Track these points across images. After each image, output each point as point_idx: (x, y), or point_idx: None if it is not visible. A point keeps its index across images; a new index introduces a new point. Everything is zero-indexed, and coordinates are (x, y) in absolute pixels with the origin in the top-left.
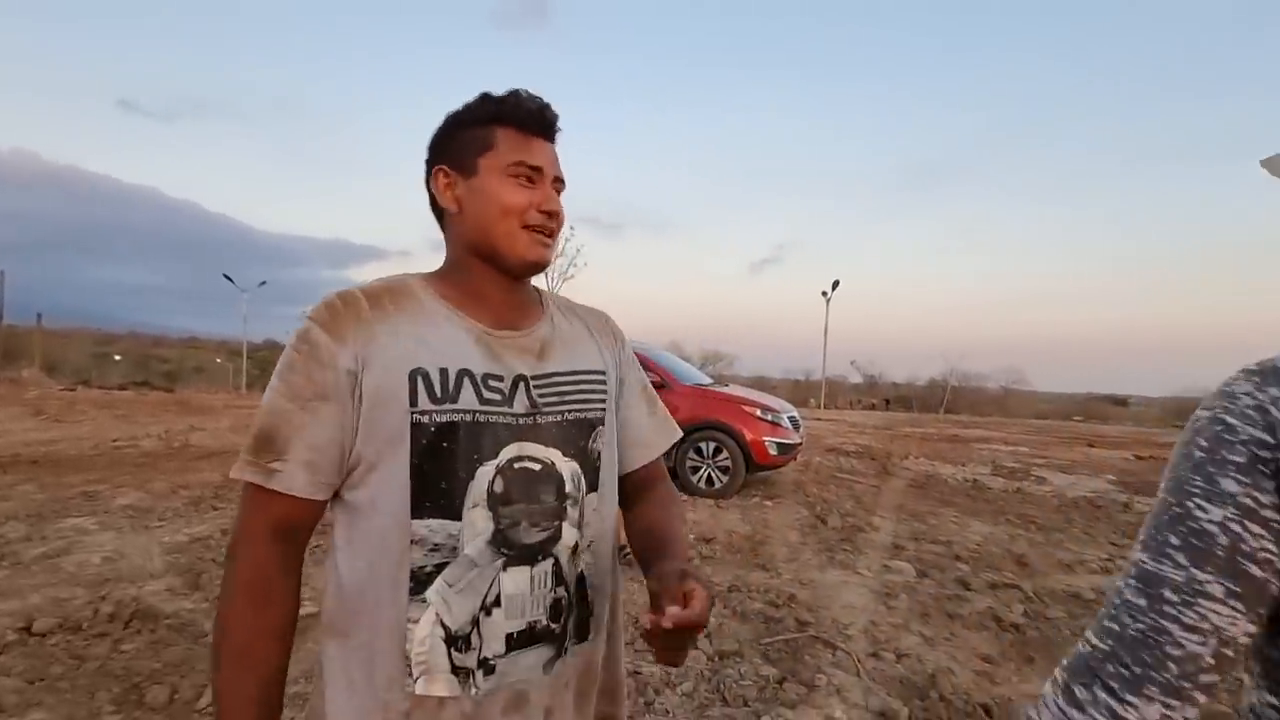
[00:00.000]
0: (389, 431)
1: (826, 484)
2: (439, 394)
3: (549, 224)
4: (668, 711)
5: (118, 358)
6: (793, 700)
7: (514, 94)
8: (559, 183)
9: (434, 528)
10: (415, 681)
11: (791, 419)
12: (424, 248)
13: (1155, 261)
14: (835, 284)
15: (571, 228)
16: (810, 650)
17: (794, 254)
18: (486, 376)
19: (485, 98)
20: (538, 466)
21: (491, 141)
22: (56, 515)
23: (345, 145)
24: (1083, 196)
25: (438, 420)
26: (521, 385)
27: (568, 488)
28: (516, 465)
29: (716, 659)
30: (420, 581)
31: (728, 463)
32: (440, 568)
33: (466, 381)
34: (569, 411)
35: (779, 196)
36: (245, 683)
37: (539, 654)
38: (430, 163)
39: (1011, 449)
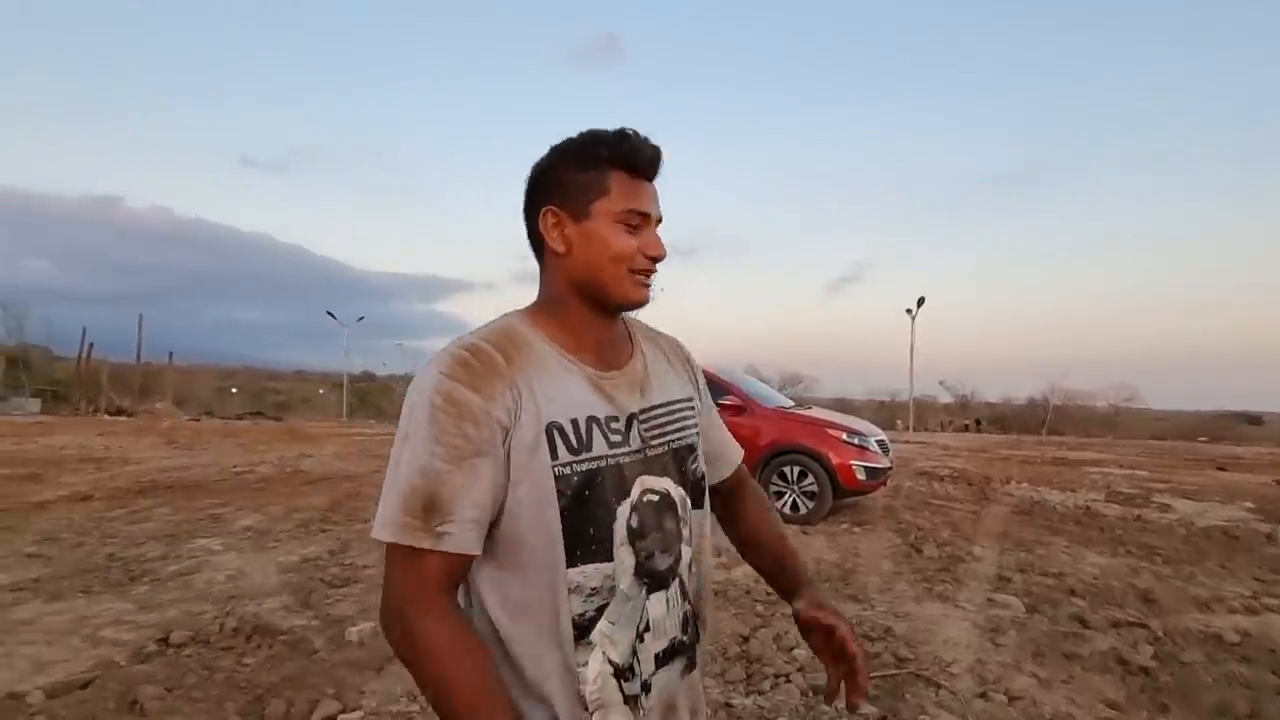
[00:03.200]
0: (535, 487)
1: (920, 510)
2: (575, 445)
3: (653, 267)
4: None
5: (235, 390)
6: None
7: (626, 137)
8: (659, 221)
9: (589, 573)
10: (592, 717)
11: (880, 442)
12: (506, 280)
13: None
14: (920, 301)
15: None
16: (911, 688)
17: (874, 271)
18: (608, 419)
19: (598, 139)
20: (658, 497)
21: (606, 187)
22: (188, 535)
23: (433, 184)
24: (1185, 195)
25: (579, 470)
26: (635, 423)
27: (680, 512)
28: (645, 500)
29: (810, 694)
30: (583, 627)
31: (813, 488)
32: (601, 610)
33: (595, 429)
34: (672, 441)
35: (856, 214)
36: (506, 708)
37: (678, 665)
38: (537, 200)
39: (1127, 472)
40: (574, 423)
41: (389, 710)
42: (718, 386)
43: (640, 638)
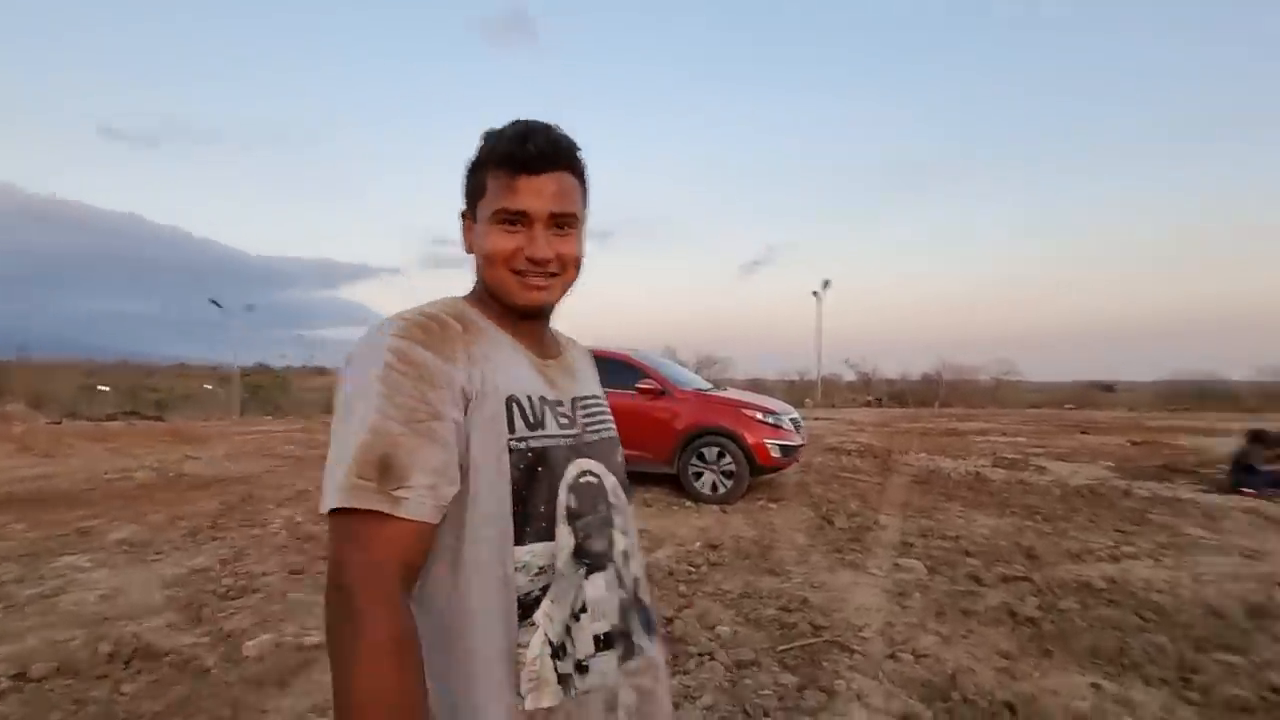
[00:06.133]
0: (491, 461)
1: (830, 484)
2: (531, 421)
3: (536, 269)
4: None
5: (104, 388)
6: (814, 708)
7: (499, 133)
8: (561, 219)
9: (537, 551)
10: (525, 699)
11: (793, 420)
12: (414, 264)
13: (1138, 247)
14: (826, 283)
15: None
16: (827, 655)
17: (784, 254)
18: (555, 402)
19: (485, 137)
20: (595, 479)
21: (484, 186)
22: (51, 554)
23: (330, 164)
24: (1063, 188)
25: (533, 447)
26: (576, 407)
27: (611, 499)
28: (581, 480)
29: (734, 669)
30: (527, 606)
31: (731, 467)
32: (545, 589)
33: (546, 408)
34: (602, 430)
35: (767, 198)
36: None
37: (616, 653)
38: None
39: (1009, 440)
40: (529, 399)
41: None
42: (637, 370)
43: (576, 617)
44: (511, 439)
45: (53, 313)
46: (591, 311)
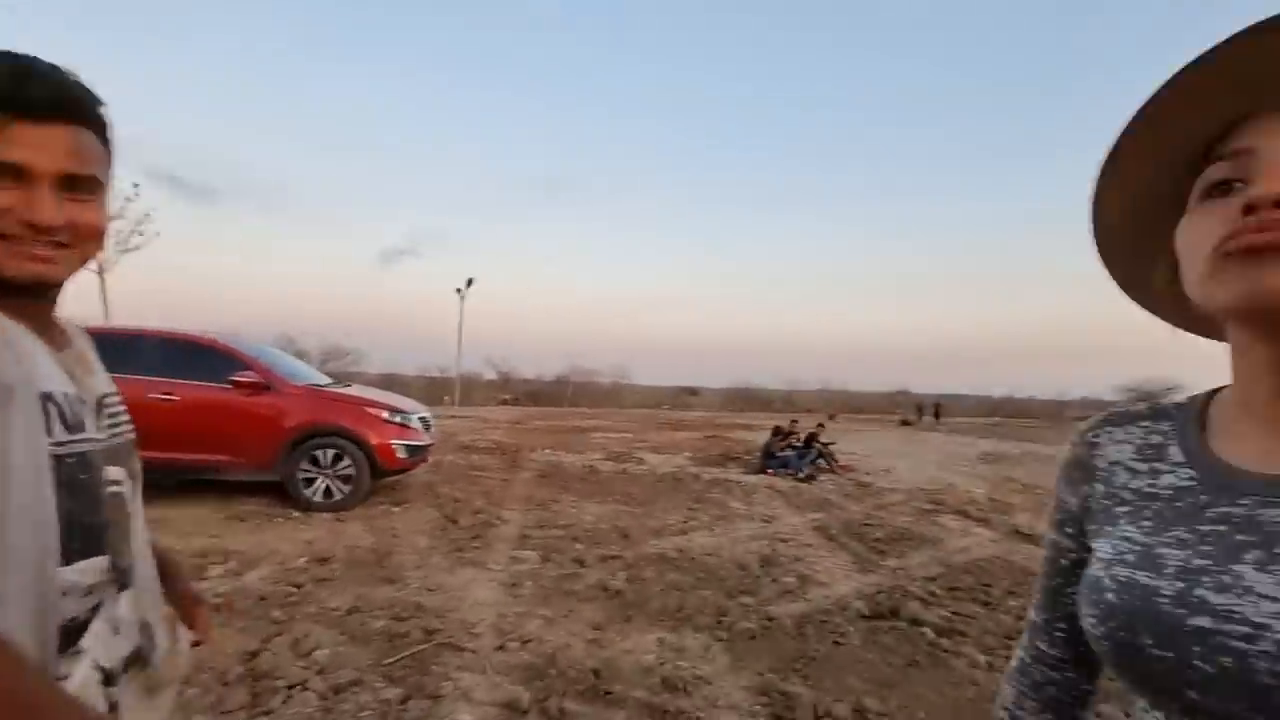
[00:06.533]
0: (26, 471)
1: (457, 482)
2: (70, 422)
3: (39, 237)
4: None
5: None
6: (417, 716)
7: None
8: (78, 180)
9: (85, 569)
10: None
11: (422, 419)
12: None
13: (733, 267)
14: (470, 281)
15: (136, 185)
16: (437, 659)
17: (429, 247)
18: (83, 401)
19: None
20: (120, 488)
21: None
22: None
23: None
24: (690, 216)
25: (75, 452)
26: (103, 407)
27: (129, 506)
28: (114, 489)
29: (331, 695)
30: (73, 633)
31: (350, 471)
32: (95, 610)
33: (84, 407)
34: (126, 432)
35: (415, 187)
36: None
37: (140, 679)
38: None
39: (620, 436)
40: (66, 397)
41: None
42: (235, 360)
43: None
44: (52, 443)
45: None
46: (182, 285)
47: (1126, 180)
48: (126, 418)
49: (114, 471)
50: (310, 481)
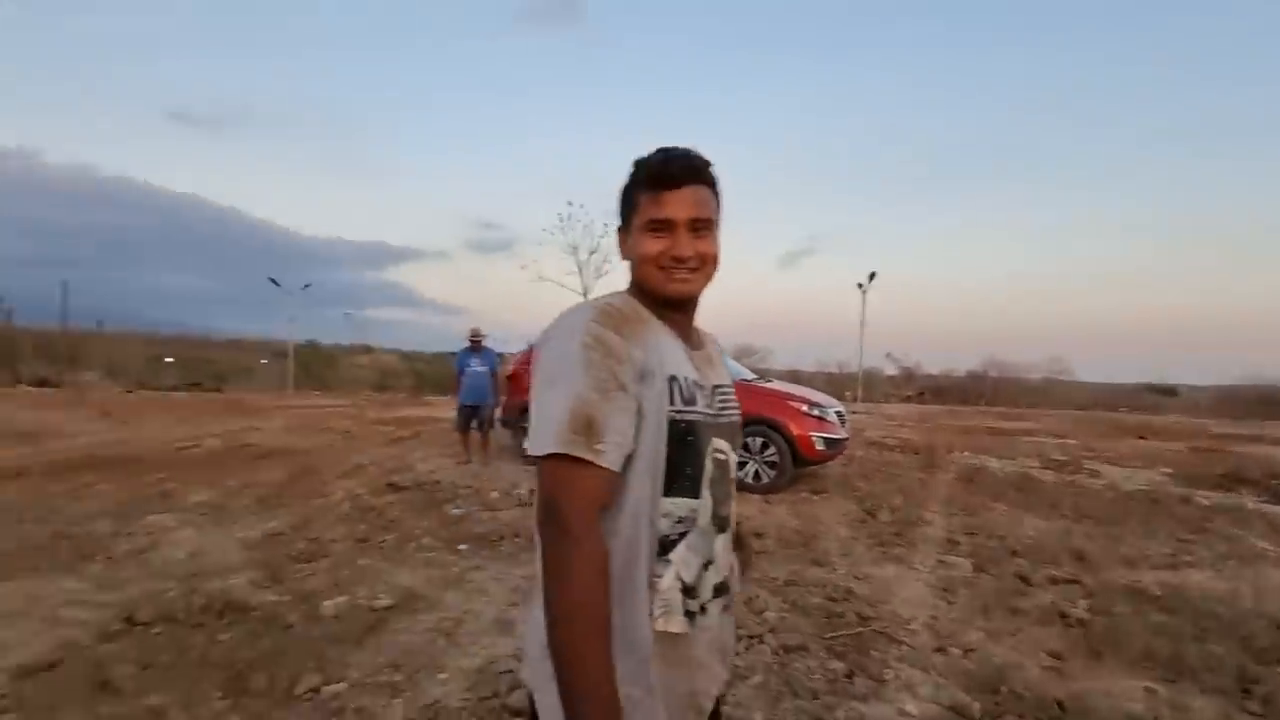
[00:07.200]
0: (655, 426)
1: (873, 478)
2: (686, 398)
3: (680, 265)
4: (740, 704)
5: (169, 360)
6: (863, 694)
7: (649, 158)
8: (698, 223)
9: (679, 504)
10: (656, 619)
11: (838, 413)
12: (460, 248)
13: (1202, 245)
14: (872, 275)
15: (605, 224)
16: (875, 645)
17: (827, 244)
18: (700, 385)
19: (633, 164)
20: (725, 457)
21: (635, 204)
22: (139, 512)
23: (379, 146)
24: (1124, 178)
25: (685, 419)
26: (715, 393)
27: (733, 474)
28: (718, 456)
29: (782, 652)
30: (665, 546)
31: (775, 458)
32: (682, 536)
33: (696, 390)
34: (733, 415)
35: (811, 187)
36: (608, 663)
37: (722, 602)
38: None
39: (1059, 441)
40: (686, 379)
41: (373, 681)
42: None
43: (705, 567)
44: (672, 409)
45: (121, 287)
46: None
47: None
48: (735, 404)
49: (720, 443)
50: (743, 464)
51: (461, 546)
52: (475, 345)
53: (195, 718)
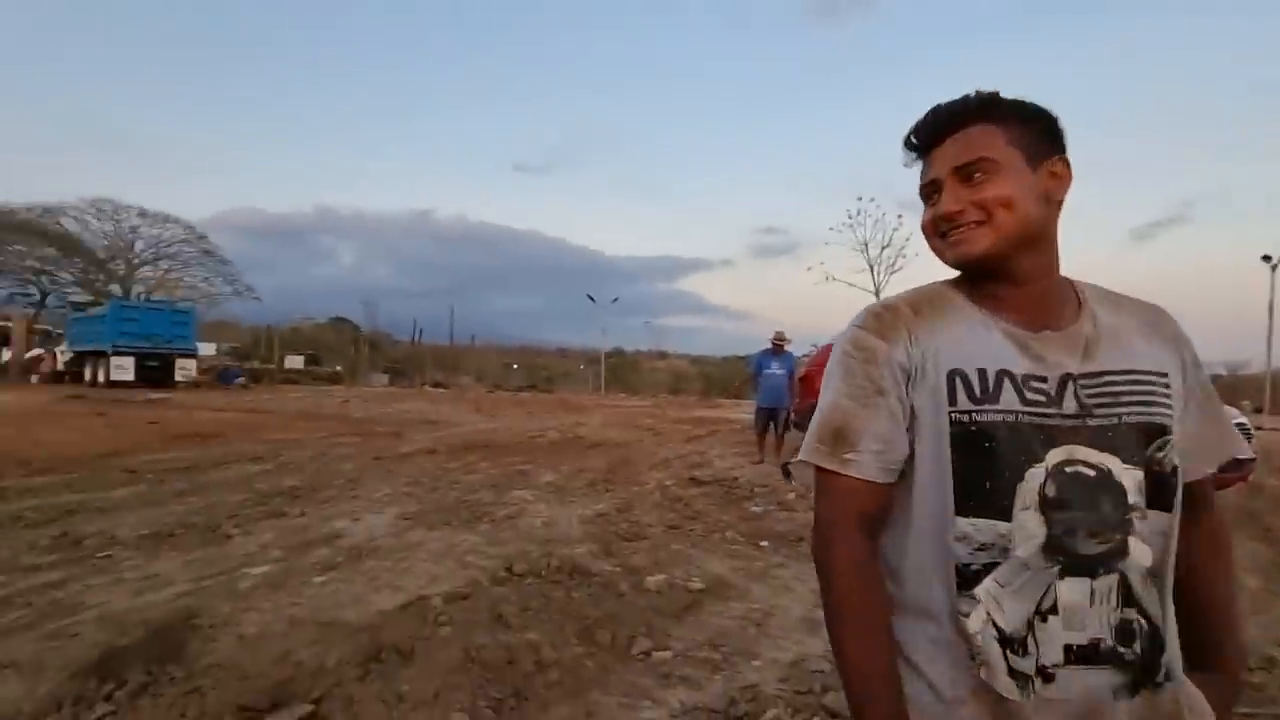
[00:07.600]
0: (931, 428)
1: None
2: (978, 394)
3: (952, 225)
4: None
5: (515, 366)
6: None
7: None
8: (968, 169)
9: (980, 526)
10: (979, 668)
11: (1240, 425)
12: (744, 255)
13: None
14: None
15: (899, 215)
16: None
17: (1202, 212)
18: (1028, 377)
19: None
20: (1092, 472)
21: (920, 172)
22: (507, 487)
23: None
24: None
25: (978, 420)
26: (1070, 385)
27: (1131, 498)
28: (1068, 469)
29: None
30: (967, 578)
31: None
32: (989, 567)
33: (1007, 382)
34: (1126, 414)
35: (1177, 147)
36: (880, 660)
37: (1106, 677)
38: None
39: None
40: (981, 373)
41: (695, 655)
42: None
43: (1043, 617)
44: (954, 410)
45: (482, 310)
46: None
47: None
48: (1132, 401)
49: (1080, 452)
50: None
51: (763, 543)
52: (777, 348)
53: (562, 656)
